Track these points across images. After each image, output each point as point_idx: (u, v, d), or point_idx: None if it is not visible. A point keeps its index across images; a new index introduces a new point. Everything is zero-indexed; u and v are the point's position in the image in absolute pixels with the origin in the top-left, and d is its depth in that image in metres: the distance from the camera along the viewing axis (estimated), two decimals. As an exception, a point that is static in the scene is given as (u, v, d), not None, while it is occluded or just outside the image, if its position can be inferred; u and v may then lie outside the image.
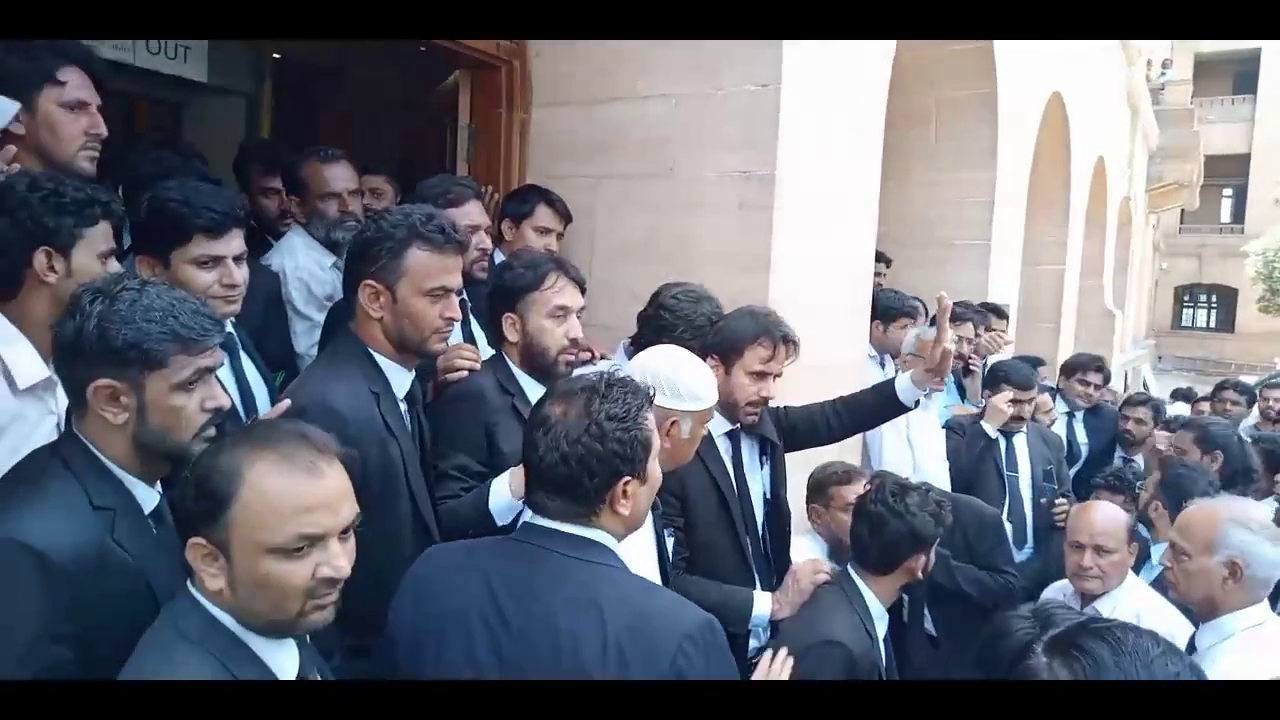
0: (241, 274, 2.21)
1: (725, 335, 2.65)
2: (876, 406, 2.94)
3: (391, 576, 2.01)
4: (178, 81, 5.88)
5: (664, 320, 2.77)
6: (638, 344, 2.94)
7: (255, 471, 1.30)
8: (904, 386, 2.86)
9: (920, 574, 2.60)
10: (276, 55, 6.41)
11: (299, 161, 3.18)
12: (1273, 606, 2.45)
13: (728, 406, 2.61)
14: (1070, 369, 5.91)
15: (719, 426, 2.62)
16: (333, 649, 1.75)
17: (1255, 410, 6.16)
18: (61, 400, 1.78)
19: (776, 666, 1.95)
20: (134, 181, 2.67)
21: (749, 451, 2.78)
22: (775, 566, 2.80)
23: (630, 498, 1.61)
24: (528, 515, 1.67)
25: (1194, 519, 2.42)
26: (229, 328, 2.27)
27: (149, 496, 1.59)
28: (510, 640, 1.53)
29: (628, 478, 1.60)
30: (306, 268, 3.09)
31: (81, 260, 1.85)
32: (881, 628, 2.53)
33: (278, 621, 1.35)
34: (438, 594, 1.62)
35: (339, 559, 1.35)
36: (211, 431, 1.60)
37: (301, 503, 1.32)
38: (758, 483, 2.79)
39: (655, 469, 1.69)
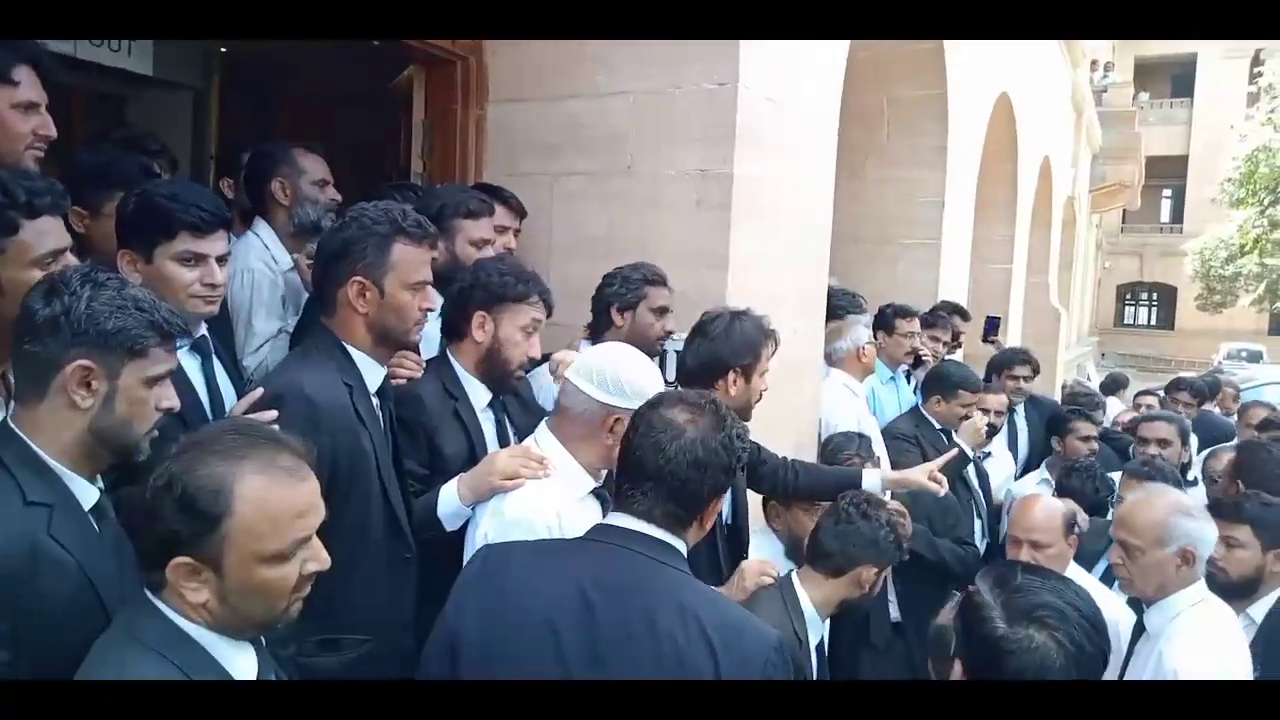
0: (223, 275, 2.19)
1: (739, 346, 2.66)
2: (835, 488, 2.95)
3: (359, 566, 1.97)
4: (122, 74, 5.72)
5: (607, 287, 3.01)
6: (593, 331, 2.98)
7: (244, 485, 1.30)
8: (871, 484, 2.99)
9: (866, 589, 2.60)
10: (225, 49, 6.27)
11: (281, 152, 3.05)
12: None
13: (743, 412, 2.65)
14: (998, 367, 5.55)
15: None
16: (290, 638, 1.74)
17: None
18: None
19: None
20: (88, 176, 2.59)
21: None
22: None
23: (713, 514, 1.68)
24: (599, 516, 1.73)
25: (1138, 516, 2.49)
26: (203, 330, 2.24)
27: (88, 493, 1.56)
28: (604, 640, 1.53)
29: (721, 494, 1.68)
30: (257, 269, 2.92)
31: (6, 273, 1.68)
32: (815, 635, 2.52)
33: (265, 621, 1.37)
34: (515, 597, 1.61)
35: (321, 552, 1.39)
36: (156, 433, 1.59)
37: (294, 509, 1.34)
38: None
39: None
